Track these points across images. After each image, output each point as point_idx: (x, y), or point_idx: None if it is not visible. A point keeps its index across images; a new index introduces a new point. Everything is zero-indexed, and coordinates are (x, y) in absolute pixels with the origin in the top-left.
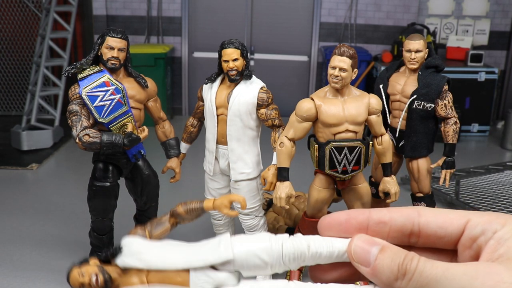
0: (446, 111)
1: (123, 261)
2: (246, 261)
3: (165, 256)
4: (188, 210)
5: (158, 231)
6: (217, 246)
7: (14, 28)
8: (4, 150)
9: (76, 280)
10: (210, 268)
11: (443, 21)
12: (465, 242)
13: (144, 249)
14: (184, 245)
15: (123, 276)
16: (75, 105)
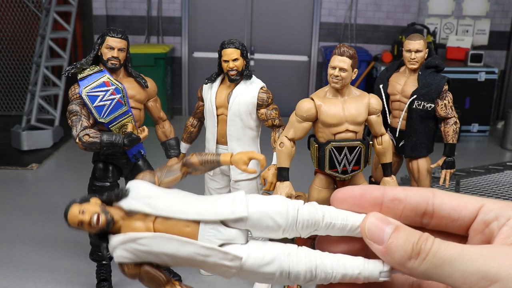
0: (446, 111)
1: (129, 203)
2: (259, 221)
3: (175, 204)
4: (203, 161)
5: (168, 178)
6: (231, 201)
7: (14, 28)
8: (4, 150)
9: (75, 218)
10: (220, 223)
11: (443, 21)
12: (477, 227)
13: (153, 194)
14: (196, 196)
15: (127, 220)
16: (75, 105)
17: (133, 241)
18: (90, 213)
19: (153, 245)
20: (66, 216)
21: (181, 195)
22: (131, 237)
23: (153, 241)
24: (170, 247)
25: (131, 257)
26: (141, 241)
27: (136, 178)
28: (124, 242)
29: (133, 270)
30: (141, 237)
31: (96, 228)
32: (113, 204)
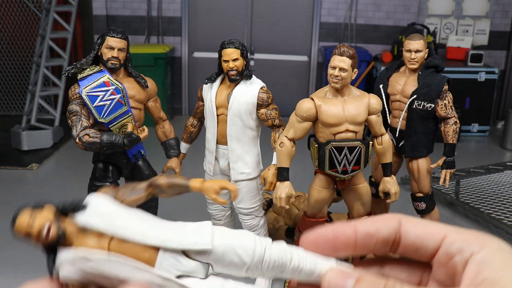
0: (446, 111)
1: (85, 219)
2: (223, 256)
3: (136, 226)
4: (171, 184)
5: (131, 197)
6: (196, 231)
7: (14, 28)
8: (4, 150)
9: (22, 227)
10: (181, 253)
11: (443, 21)
12: (441, 258)
13: (114, 213)
14: (160, 221)
15: (80, 235)
16: (75, 105)
17: (84, 260)
18: (40, 224)
19: (105, 267)
20: (14, 223)
21: (143, 217)
22: (82, 256)
23: (105, 263)
24: (124, 271)
25: (78, 276)
26: (92, 261)
27: (99, 191)
28: (74, 260)
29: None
30: (93, 257)
31: (44, 241)
32: (68, 215)
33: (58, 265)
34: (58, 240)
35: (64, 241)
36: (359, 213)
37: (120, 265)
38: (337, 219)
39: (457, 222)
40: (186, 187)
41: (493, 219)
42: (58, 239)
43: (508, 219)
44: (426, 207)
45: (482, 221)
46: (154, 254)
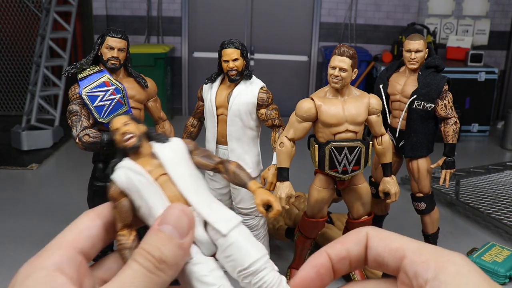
0: (446, 111)
1: (159, 150)
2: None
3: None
4: (236, 173)
5: (201, 159)
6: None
7: (14, 28)
8: (4, 150)
9: (119, 122)
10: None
11: (443, 21)
12: (401, 278)
13: (181, 159)
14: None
15: (146, 157)
16: (75, 105)
17: (136, 173)
18: (129, 130)
19: (145, 188)
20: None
21: (199, 179)
22: (137, 169)
23: (147, 185)
24: (153, 201)
25: (124, 183)
26: (140, 178)
27: (183, 140)
28: (129, 168)
29: (116, 193)
30: (144, 174)
31: (120, 143)
32: (148, 140)
33: (116, 167)
34: (131, 149)
35: (133, 152)
36: (359, 213)
37: (156, 195)
38: (337, 219)
39: (457, 222)
40: (244, 184)
41: (493, 219)
42: (131, 147)
43: (508, 219)
44: (426, 207)
45: (482, 221)
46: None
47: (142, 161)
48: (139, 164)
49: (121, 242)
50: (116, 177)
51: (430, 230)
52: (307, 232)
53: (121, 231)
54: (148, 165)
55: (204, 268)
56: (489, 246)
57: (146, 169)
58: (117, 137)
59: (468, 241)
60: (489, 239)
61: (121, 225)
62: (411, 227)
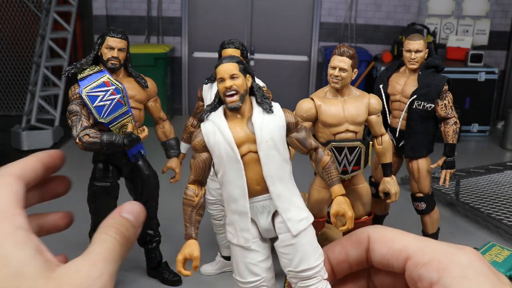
0: (446, 111)
1: (260, 123)
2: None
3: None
4: (326, 168)
5: (298, 140)
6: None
7: (14, 28)
8: (4, 150)
9: (230, 71)
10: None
11: (443, 21)
12: (408, 279)
13: (276, 141)
14: (290, 177)
15: (241, 121)
16: (75, 105)
17: (226, 141)
18: (234, 85)
19: (229, 161)
20: (220, 63)
21: (288, 163)
22: (228, 138)
23: (232, 160)
24: (232, 176)
25: (210, 142)
26: (228, 149)
27: (285, 111)
28: (221, 130)
29: (199, 145)
30: (233, 149)
31: (223, 96)
32: (251, 97)
33: (209, 118)
34: (231, 108)
35: (232, 111)
36: (359, 213)
37: (237, 172)
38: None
39: (457, 222)
40: (330, 184)
41: (493, 219)
42: (232, 107)
43: (508, 219)
44: (426, 207)
45: (482, 221)
46: (261, 192)
47: (236, 125)
48: (232, 128)
49: (188, 196)
50: (204, 130)
51: (430, 230)
52: None
53: (191, 185)
54: (241, 135)
55: (255, 257)
56: (489, 246)
57: (237, 141)
58: (220, 88)
59: (468, 241)
60: (489, 239)
61: (193, 179)
62: (411, 227)
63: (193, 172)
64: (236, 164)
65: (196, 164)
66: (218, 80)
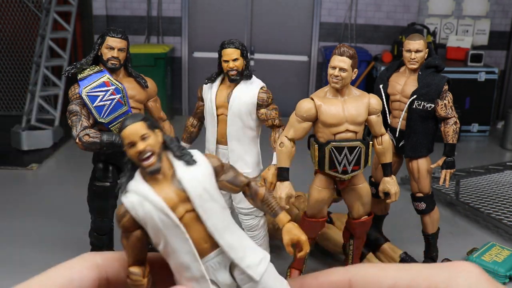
0: (446, 111)
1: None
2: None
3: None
4: (265, 199)
5: (227, 183)
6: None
7: (14, 28)
8: (4, 150)
9: (135, 135)
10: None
11: (443, 21)
12: None
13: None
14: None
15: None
16: (75, 105)
17: (157, 209)
18: (149, 145)
19: (169, 230)
20: (126, 125)
21: (224, 211)
22: (158, 204)
23: (170, 227)
24: (176, 244)
25: (140, 216)
26: (163, 217)
27: (208, 157)
28: (148, 199)
29: (129, 223)
30: (168, 214)
31: (137, 160)
32: (167, 151)
33: (128, 189)
34: (151, 171)
35: (151, 175)
36: (359, 213)
37: (180, 238)
38: (337, 219)
39: (457, 222)
40: (274, 214)
41: (493, 219)
42: (150, 171)
43: (508, 219)
44: (426, 207)
45: (482, 221)
46: (210, 249)
47: (162, 188)
48: (158, 192)
49: (134, 280)
50: (129, 205)
51: (430, 230)
52: (307, 232)
53: (133, 268)
54: (171, 196)
55: None
56: (489, 246)
57: (170, 204)
58: (132, 153)
59: (468, 241)
60: (489, 239)
61: (133, 261)
62: (411, 227)
63: (131, 254)
64: (175, 229)
65: (132, 245)
66: (126, 146)
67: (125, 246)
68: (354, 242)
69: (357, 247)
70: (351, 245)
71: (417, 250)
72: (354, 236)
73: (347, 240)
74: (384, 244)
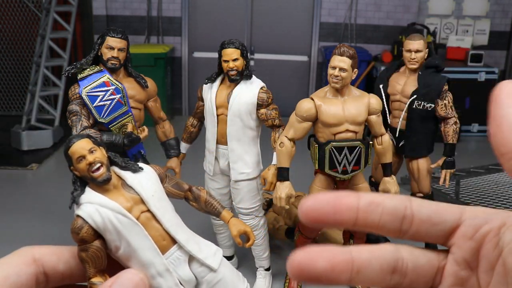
0: (446, 111)
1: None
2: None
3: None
4: (208, 201)
5: (171, 189)
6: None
7: (14, 28)
8: (4, 150)
9: (82, 150)
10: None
11: (443, 21)
12: (466, 232)
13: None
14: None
15: (118, 191)
16: (75, 105)
17: (114, 211)
18: (97, 157)
19: (128, 230)
20: (71, 143)
21: (174, 210)
22: (115, 207)
23: (129, 226)
24: (137, 242)
25: (98, 222)
26: (121, 217)
27: (151, 166)
28: (103, 205)
29: (88, 235)
30: (125, 214)
31: (87, 173)
32: (113, 165)
33: (81, 201)
34: (101, 181)
35: (103, 184)
36: None
37: (140, 236)
38: None
39: None
40: (218, 213)
41: None
42: (102, 180)
43: None
44: None
45: None
46: (168, 245)
47: (115, 195)
48: (112, 199)
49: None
50: (85, 215)
51: None
52: (307, 232)
53: (95, 278)
54: (125, 201)
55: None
56: None
57: (125, 207)
58: (82, 167)
59: None
60: None
61: (94, 271)
62: None
63: (92, 265)
64: (135, 228)
65: (92, 255)
66: (75, 162)
67: (85, 259)
68: (354, 242)
69: None
70: None
71: None
72: (354, 236)
73: (347, 240)
74: None
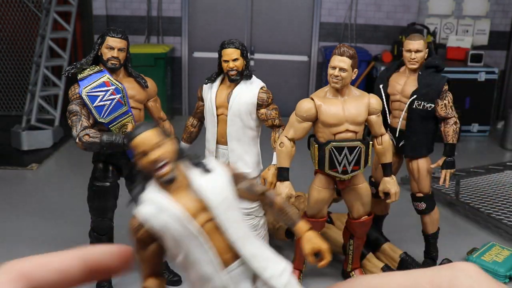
0: (446, 111)
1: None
2: None
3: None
4: (282, 208)
5: (244, 192)
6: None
7: (14, 28)
8: (4, 150)
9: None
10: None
11: (443, 21)
12: None
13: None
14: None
15: (184, 192)
16: (75, 105)
17: (176, 219)
18: (162, 154)
19: (188, 240)
20: (138, 133)
21: (243, 221)
22: (177, 214)
23: (191, 237)
24: (198, 255)
25: (156, 228)
26: (183, 227)
27: (224, 165)
28: (165, 209)
29: (145, 236)
30: (189, 224)
31: (150, 170)
32: (182, 160)
33: (143, 199)
34: (166, 180)
35: (167, 184)
36: (359, 213)
37: (201, 249)
38: (337, 219)
39: (457, 222)
40: (292, 224)
41: (493, 219)
42: (167, 179)
43: (508, 219)
44: (426, 207)
45: (482, 221)
46: (232, 259)
47: (180, 196)
48: (177, 200)
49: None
50: (143, 217)
51: (430, 230)
52: None
53: (148, 281)
54: (189, 207)
55: None
56: (489, 246)
57: (191, 213)
58: (144, 163)
59: (468, 241)
60: (489, 239)
61: (148, 273)
62: (411, 227)
63: (146, 266)
64: (195, 240)
65: (148, 259)
66: (138, 156)
67: (141, 259)
68: (354, 242)
69: (357, 247)
70: (351, 245)
71: (417, 250)
72: (354, 236)
73: (347, 240)
74: (384, 244)
